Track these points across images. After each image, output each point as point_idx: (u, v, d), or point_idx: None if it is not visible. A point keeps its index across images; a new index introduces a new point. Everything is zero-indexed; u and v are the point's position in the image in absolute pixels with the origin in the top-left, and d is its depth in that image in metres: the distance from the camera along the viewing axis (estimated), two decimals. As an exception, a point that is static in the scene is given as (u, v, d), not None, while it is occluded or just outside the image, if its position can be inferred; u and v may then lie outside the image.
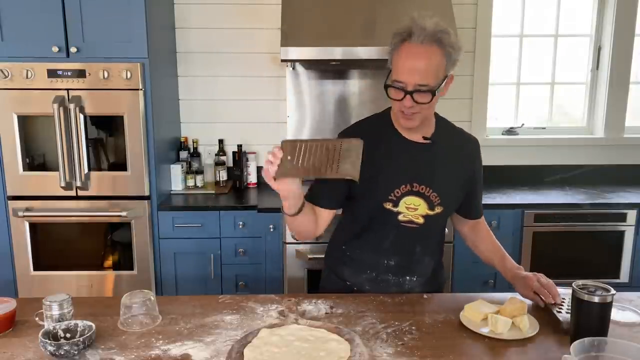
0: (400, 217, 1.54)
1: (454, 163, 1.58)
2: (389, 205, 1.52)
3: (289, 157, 1.33)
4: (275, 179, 1.34)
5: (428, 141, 1.55)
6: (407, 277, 1.64)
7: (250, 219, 2.83)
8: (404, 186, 1.52)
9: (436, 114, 1.62)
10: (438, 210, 1.55)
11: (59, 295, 1.41)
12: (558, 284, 1.62)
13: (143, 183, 2.79)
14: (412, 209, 1.53)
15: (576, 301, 1.29)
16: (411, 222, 1.55)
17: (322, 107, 3.34)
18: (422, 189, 1.53)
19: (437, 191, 1.53)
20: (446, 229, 1.76)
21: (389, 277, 1.63)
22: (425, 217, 1.54)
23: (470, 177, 1.61)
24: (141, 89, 2.71)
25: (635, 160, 3.47)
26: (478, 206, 1.69)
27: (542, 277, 1.51)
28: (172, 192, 3.11)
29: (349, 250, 1.61)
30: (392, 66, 1.44)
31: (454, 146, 1.60)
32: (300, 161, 1.33)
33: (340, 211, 1.64)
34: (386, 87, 1.44)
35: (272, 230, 2.81)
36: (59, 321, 1.37)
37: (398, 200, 1.52)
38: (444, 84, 1.45)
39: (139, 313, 1.48)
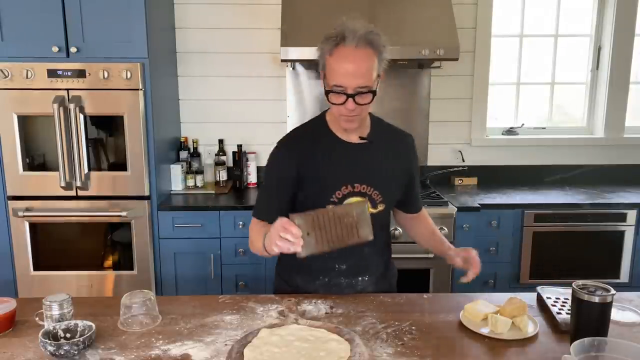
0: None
1: (392, 160, 1.61)
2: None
3: (308, 234, 1.35)
4: (303, 258, 1.36)
5: (365, 141, 1.57)
6: (359, 278, 1.65)
7: (250, 219, 2.82)
8: (344, 187, 1.54)
9: (370, 114, 1.63)
10: (380, 208, 1.58)
11: (59, 295, 1.41)
12: (558, 284, 1.63)
13: (143, 183, 2.79)
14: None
15: (576, 301, 1.29)
16: None
17: (322, 107, 3.33)
18: (364, 188, 1.55)
19: (378, 189, 1.56)
20: (438, 230, 1.81)
21: (341, 280, 1.65)
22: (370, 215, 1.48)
23: (408, 173, 1.65)
24: (141, 89, 2.71)
25: (635, 160, 3.47)
26: (417, 200, 1.73)
27: (472, 251, 1.61)
28: (172, 192, 3.11)
29: (300, 258, 1.42)
30: (327, 71, 1.47)
31: (391, 144, 1.62)
32: (321, 235, 1.36)
33: None
34: (327, 93, 1.46)
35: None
36: (59, 321, 1.37)
37: (341, 201, 1.54)
38: (377, 84, 1.47)
39: (139, 313, 1.48)
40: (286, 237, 1.30)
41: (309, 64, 3.24)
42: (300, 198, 1.57)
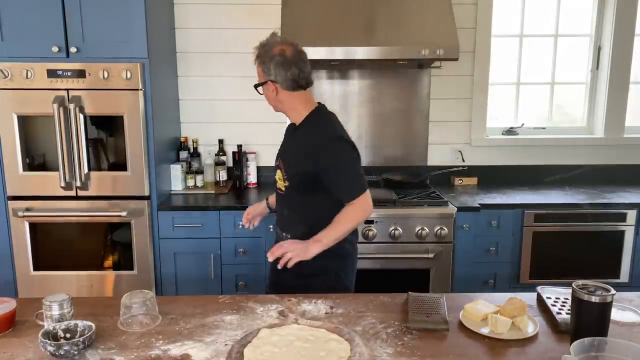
0: (277, 185, 2.00)
1: (302, 148, 1.91)
2: (275, 175, 2.02)
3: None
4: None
5: (295, 129, 1.97)
6: (284, 234, 2.00)
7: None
8: (279, 160, 1.99)
9: (317, 114, 1.94)
10: (287, 183, 1.94)
11: (59, 295, 1.41)
12: (558, 284, 1.63)
13: (143, 183, 2.79)
14: (278, 179, 1.99)
15: (576, 301, 1.29)
16: (280, 189, 1.99)
17: (322, 107, 3.34)
18: (281, 164, 1.97)
19: (285, 167, 1.94)
20: (337, 221, 1.86)
21: (278, 230, 2.05)
22: (284, 187, 1.95)
23: (316, 168, 1.85)
24: (141, 89, 2.71)
25: (635, 160, 3.47)
26: (341, 195, 1.89)
27: (286, 243, 1.83)
28: (172, 192, 3.11)
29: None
30: None
31: (309, 136, 1.91)
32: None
33: None
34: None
35: (271, 230, 2.81)
36: (59, 321, 1.37)
37: (275, 171, 2.01)
38: (264, 85, 1.92)
39: (139, 313, 1.49)
40: None
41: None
42: None
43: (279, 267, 1.79)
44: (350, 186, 1.87)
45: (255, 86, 1.96)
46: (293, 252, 1.78)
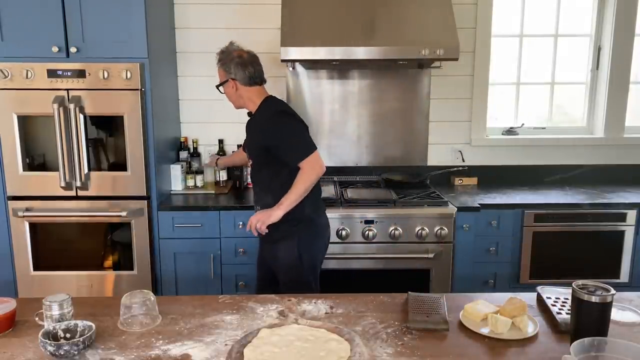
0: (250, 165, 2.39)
1: (254, 129, 2.31)
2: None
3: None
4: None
5: (249, 116, 2.38)
6: (257, 207, 2.33)
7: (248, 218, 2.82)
8: (244, 144, 2.46)
9: (267, 102, 2.30)
10: (250, 162, 2.36)
11: (59, 295, 1.41)
12: (558, 284, 1.62)
13: (143, 183, 2.79)
14: (248, 160, 2.41)
15: (576, 301, 1.29)
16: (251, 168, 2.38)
17: (322, 107, 3.34)
18: (242, 143, 2.48)
19: (246, 146, 2.39)
20: (293, 188, 2.14)
21: (255, 206, 2.39)
22: (250, 165, 2.38)
23: (266, 140, 2.20)
24: (141, 89, 2.71)
25: (635, 160, 3.47)
26: (290, 160, 2.18)
27: (259, 213, 2.19)
28: (172, 192, 3.11)
29: None
30: None
31: (258, 118, 2.29)
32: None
33: None
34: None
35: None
36: (59, 321, 1.38)
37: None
38: (225, 83, 2.29)
39: (139, 313, 1.49)
40: None
41: (309, 64, 3.24)
42: None
43: (254, 233, 2.18)
44: (296, 149, 2.17)
45: (217, 86, 2.32)
46: (259, 220, 2.14)
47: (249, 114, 2.37)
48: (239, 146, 3.23)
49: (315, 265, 2.30)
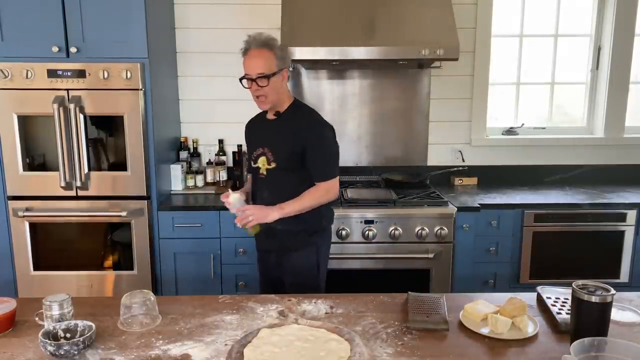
0: (260, 171, 2.17)
1: (289, 133, 2.11)
2: (252, 163, 2.21)
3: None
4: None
5: (275, 117, 2.15)
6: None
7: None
8: (259, 149, 2.17)
9: (299, 103, 2.19)
10: (273, 165, 2.13)
11: (59, 295, 1.41)
12: (558, 284, 1.62)
13: (143, 183, 2.79)
14: (262, 165, 2.16)
15: (576, 301, 1.29)
16: (262, 174, 2.17)
17: (321, 107, 3.34)
18: (266, 150, 2.15)
19: (272, 151, 2.13)
20: (304, 195, 2.08)
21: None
22: (267, 170, 2.15)
23: (302, 145, 2.08)
24: (141, 89, 2.71)
25: (635, 160, 3.47)
26: (313, 173, 2.12)
27: (250, 208, 2.05)
28: (172, 192, 3.11)
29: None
30: (244, 68, 2.06)
31: (295, 123, 2.12)
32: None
33: None
34: (240, 80, 2.07)
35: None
36: (59, 321, 1.38)
37: (256, 159, 2.18)
38: (278, 74, 2.05)
39: (139, 313, 1.49)
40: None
41: (309, 64, 3.24)
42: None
43: (239, 224, 2.04)
44: (324, 168, 2.12)
45: (269, 76, 2.02)
46: (254, 215, 2.02)
47: (276, 113, 2.15)
48: (239, 146, 3.23)
49: (325, 272, 2.27)
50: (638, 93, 3.50)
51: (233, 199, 2.07)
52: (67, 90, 2.69)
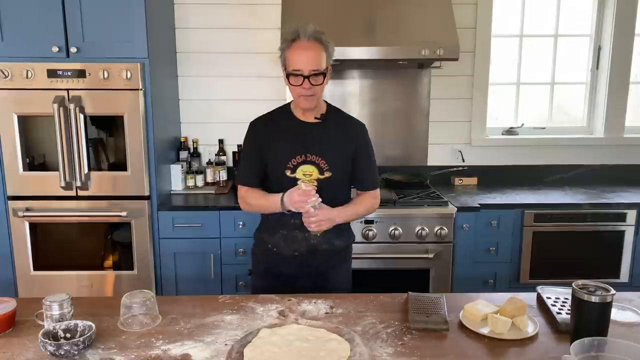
0: (306, 181, 1.87)
1: (340, 137, 1.90)
2: (288, 173, 1.87)
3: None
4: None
5: (319, 120, 1.89)
6: (306, 233, 1.88)
7: (250, 219, 2.81)
8: (299, 156, 1.86)
9: (328, 103, 1.96)
10: (327, 175, 1.87)
11: (59, 295, 1.41)
12: (558, 284, 1.62)
13: (143, 183, 2.79)
14: (307, 174, 1.87)
15: (576, 301, 1.29)
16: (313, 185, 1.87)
17: (322, 107, 3.34)
18: (314, 158, 1.86)
19: (326, 159, 1.86)
20: (356, 205, 1.97)
21: (296, 233, 1.89)
22: (318, 180, 1.86)
23: (354, 150, 1.92)
24: (141, 89, 2.71)
25: (635, 160, 3.47)
26: (364, 180, 1.99)
27: (323, 212, 1.80)
28: (172, 192, 3.11)
29: (269, 215, 1.94)
30: (286, 62, 1.80)
31: (341, 125, 1.93)
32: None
33: None
34: (287, 75, 1.80)
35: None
36: (59, 321, 1.38)
37: (295, 168, 1.87)
38: (327, 72, 1.81)
39: (139, 313, 1.49)
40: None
41: (309, 64, 3.23)
42: (267, 168, 1.93)
43: (314, 229, 1.80)
44: (375, 174, 2.01)
45: (325, 74, 1.79)
46: (320, 222, 1.80)
47: (320, 116, 1.90)
48: (239, 146, 3.23)
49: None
50: (638, 93, 3.51)
51: (318, 200, 1.79)
52: (67, 90, 2.68)
